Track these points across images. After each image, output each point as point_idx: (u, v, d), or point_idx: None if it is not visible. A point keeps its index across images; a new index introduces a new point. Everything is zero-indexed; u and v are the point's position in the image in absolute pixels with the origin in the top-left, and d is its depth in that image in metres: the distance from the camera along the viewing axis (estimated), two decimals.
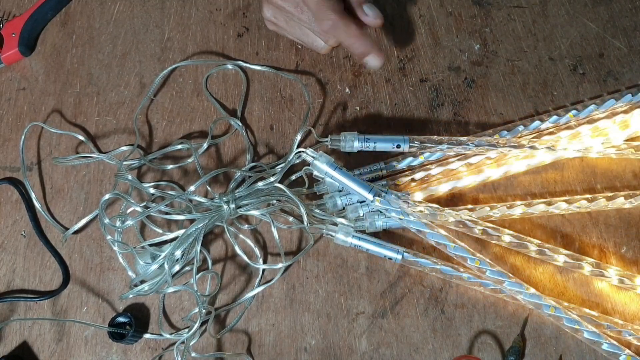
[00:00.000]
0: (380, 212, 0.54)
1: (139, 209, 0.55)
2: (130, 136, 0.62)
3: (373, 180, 0.56)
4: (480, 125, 0.58)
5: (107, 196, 0.54)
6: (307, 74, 0.62)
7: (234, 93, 0.62)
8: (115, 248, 0.55)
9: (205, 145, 0.59)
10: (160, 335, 0.54)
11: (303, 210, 0.52)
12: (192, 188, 0.53)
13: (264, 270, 0.55)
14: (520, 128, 0.57)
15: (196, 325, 0.52)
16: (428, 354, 0.52)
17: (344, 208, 0.56)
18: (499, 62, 0.61)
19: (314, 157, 0.53)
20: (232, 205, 0.53)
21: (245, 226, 0.56)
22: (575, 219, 0.54)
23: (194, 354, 0.53)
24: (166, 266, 0.52)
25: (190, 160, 0.59)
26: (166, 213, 0.53)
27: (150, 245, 0.55)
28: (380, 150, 0.56)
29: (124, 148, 0.61)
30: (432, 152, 0.56)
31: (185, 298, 0.56)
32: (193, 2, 0.67)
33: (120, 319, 0.54)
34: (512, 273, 0.52)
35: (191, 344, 0.52)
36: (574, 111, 0.57)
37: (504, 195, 0.56)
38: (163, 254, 0.53)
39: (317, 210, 0.55)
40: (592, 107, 0.57)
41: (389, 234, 0.55)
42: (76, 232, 0.58)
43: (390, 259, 0.53)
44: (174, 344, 0.53)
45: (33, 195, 0.60)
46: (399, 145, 0.55)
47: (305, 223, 0.53)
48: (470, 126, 0.59)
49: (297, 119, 0.61)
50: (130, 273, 0.55)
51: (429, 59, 0.62)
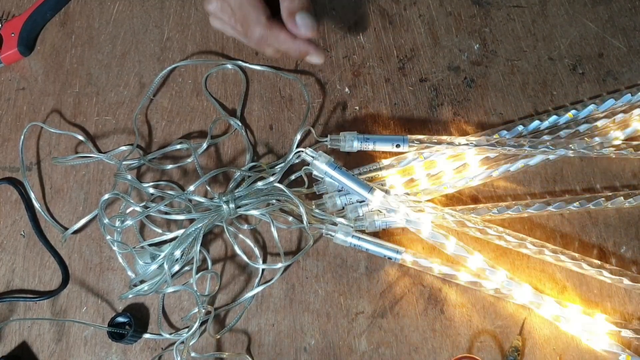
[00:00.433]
0: (380, 212, 0.54)
1: (138, 208, 0.55)
2: (129, 136, 0.62)
3: (372, 180, 0.56)
4: (479, 124, 0.58)
5: (107, 196, 0.54)
6: (307, 73, 0.62)
7: (234, 93, 0.62)
8: (115, 248, 0.55)
9: (204, 145, 0.59)
10: (160, 335, 0.54)
11: (302, 210, 0.52)
12: (192, 188, 0.53)
13: (263, 270, 0.55)
14: (520, 128, 0.57)
15: (196, 325, 0.52)
16: (427, 354, 0.52)
17: (343, 208, 0.56)
18: (498, 62, 0.61)
19: (313, 157, 0.53)
20: (232, 205, 0.53)
21: (245, 226, 0.56)
22: (574, 218, 0.54)
23: (193, 354, 0.53)
24: (166, 266, 0.52)
25: (189, 160, 0.59)
26: (166, 213, 0.53)
27: (150, 245, 0.55)
28: (379, 150, 0.56)
29: (124, 148, 0.61)
30: (432, 152, 0.56)
31: (185, 298, 0.56)
32: (192, 2, 0.67)
33: (120, 319, 0.54)
34: (512, 273, 0.52)
35: (191, 343, 0.52)
36: (573, 111, 0.57)
37: (503, 195, 0.56)
38: (162, 254, 0.53)
39: (317, 210, 0.55)
40: (592, 107, 0.57)
41: (388, 234, 0.55)
42: (75, 232, 0.58)
43: (389, 258, 0.53)
44: (173, 344, 0.53)
45: (32, 195, 0.60)
46: (398, 145, 0.55)
47: (304, 223, 0.53)
48: (469, 126, 0.59)
49: (297, 118, 0.61)
50: (129, 273, 0.55)
51: (428, 58, 0.62)
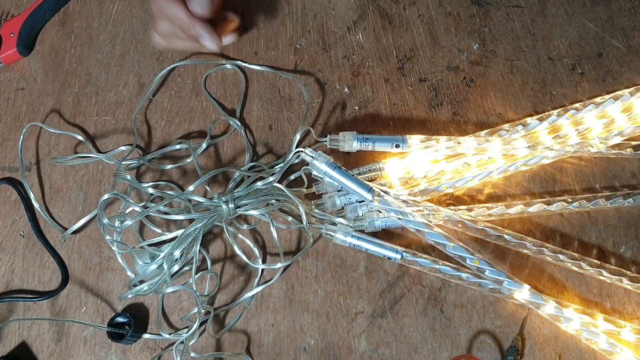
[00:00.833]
0: (379, 212, 0.54)
1: (137, 209, 0.55)
2: (129, 136, 0.62)
3: (372, 180, 0.56)
4: (479, 124, 0.58)
5: (106, 196, 0.54)
6: (306, 73, 0.62)
7: (233, 93, 0.62)
8: (114, 248, 0.55)
9: (204, 145, 0.59)
10: (160, 335, 0.54)
11: (302, 210, 0.52)
12: (191, 188, 0.53)
13: (263, 270, 0.55)
14: (519, 128, 0.57)
15: (195, 325, 0.52)
16: (427, 354, 0.52)
17: (343, 208, 0.56)
18: (497, 62, 0.61)
19: (313, 157, 0.53)
20: (231, 205, 0.53)
21: (245, 226, 0.56)
22: (574, 218, 0.54)
23: (193, 354, 0.53)
24: (165, 266, 0.52)
25: (189, 160, 0.59)
26: (165, 213, 0.53)
27: (149, 245, 0.55)
28: (379, 150, 0.56)
29: (123, 148, 0.61)
30: (431, 152, 0.56)
31: (185, 298, 0.56)
32: None
33: (120, 319, 0.54)
34: (511, 273, 0.52)
35: (190, 344, 0.52)
36: (572, 111, 0.57)
37: (503, 195, 0.56)
38: (162, 254, 0.53)
39: (316, 210, 0.55)
40: (591, 107, 0.57)
41: (388, 234, 0.55)
42: (75, 232, 0.58)
43: (389, 258, 0.53)
44: (173, 344, 0.53)
45: (32, 196, 0.60)
46: (397, 145, 0.55)
47: (304, 223, 0.53)
48: (469, 126, 0.59)
49: (296, 118, 0.61)
50: (129, 273, 0.55)
51: (427, 58, 0.62)
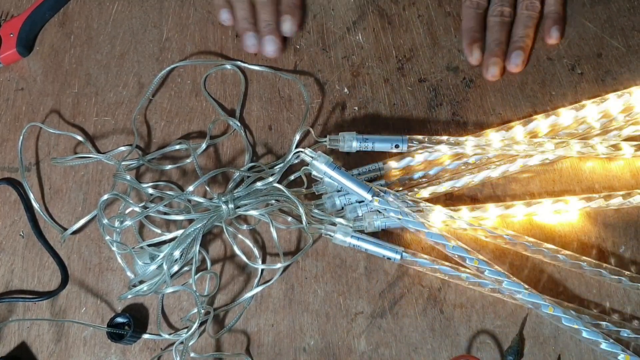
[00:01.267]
0: (379, 212, 0.54)
1: (137, 209, 0.55)
2: (128, 136, 0.62)
3: (372, 180, 0.56)
4: (478, 125, 0.58)
5: (106, 196, 0.54)
6: (306, 74, 0.62)
7: (233, 93, 0.62)
8: (114, 248, 0.55)
9: (203, 146, 0.59)
10: (159, 335, 0.54)
11: (302, 210, 0.52)
12: (191, 188, 0.53)
13: (262, 270, 0.55)
14: (519, 128, 0.56)
15: (195, 325, 0.51)
16: (427, 354, 0.52)
17: (342, 208, 0.55)
18: None
19: (312, 157, 0.53)
20: (231, 206, 0.53)
21: (244, 226, 0.56)
22: (573, 218, 0.54)
23: (192, 354, 0.53)
24: (165, 266, 0.52)
25: (188, 160, 0.59)
26: (165, 213, 0.53)
27: (149, 245, 0.55)
28: (378, 150, 0.56)
29: (123, 148, 0.61)
30: (431, 152, 0.56)
31: (184, 298, 0.56)
32: (191, 2, 0.67)
33: (119, 320, 0.54)
34: (511, 273, 0.52)
35: (190, 344, 0.52)
36: (572, 111, 0.57)
37: (502, 195, 0.56)
38: (162, 254, 0.53)
39: (316, 210, 0.55)
40: (591, 107, 0.57)
41: (387, 234, 0.55)
42: (75, 233, 0.58)
43: (389, 258, 0.53)
44: (172, 344, 0.53)
45: (31, 196, 0.60)
46: (397, 145, 0.55)
47: (304, 223, 0.53)
48: (468, 126, 0.59)
49: (296, 119, 0.61)
50: (129, 273, 0.55)
51: (427, 59, 0.62)
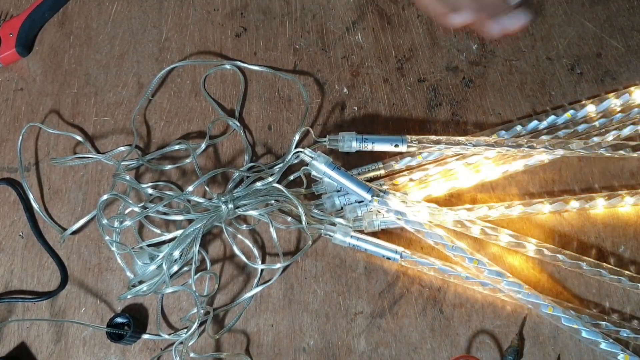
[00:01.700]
0: (379, 212, 0.54)
1: (137, 209, 0.55)
2: (128, 136, 0.62)
3: (371, 180, 0.56)
4: (478, 125, 0.58)
5: (105, 197, 0.54)
6: (305, 74, 0.62)
7: (232, 93, 0.62)
8: (114, 248, 0.55)
9: (203, 146, 0.59)
10: (159, 335, 0.54)
11: (301, 211, 0.52)
12: (191, 188, 0.53)
13: (262, 270, 0.55)
14: (518, 128, 0.57)
15: (195, 325, 0.51)
16: (426, 354, 0.52)
17: (342, 208, 0.55)
18: (496, 62, 0.61)
19: (312, 157, 0.53)
20: (231, 206, 0.53)
21: (244, 226, 0.56)
22: (573, 218, 0.54)
23: (192, 355, 0.53)
24: (164, 267, 0.52)
25: (188, 160, 0.59)
26: (164, 213, 0.53)
27: (149, 245, 0.55)
28: (378, 150, 0.56)
29: (122, 148, 0.61)
30: (430, 152, 0.56)
31: (184, 298, 0.56)
32: (191, 2, 0.67)
33: (119, 320, 0.54)
34: (510, 273, 0.52)
35: (190, 344, 0.52)
36: (571, 111, 0.57)
37: (502, 194, 0.56)
38: (161, 255, 0.53)
39: (316, 210, 0.55)
40: (590, 107, 0.57)
41: (387, 234, 0.55)
42: (74, 233, 0.58)
43: (388, 258, 0.53)
44: (172, 344, 0.53)
45: (31, 196, 0.60)
46: (397, 145, 0.55)
47: (303, 223, 0.53)
48: (468, 126, 0.59)
49: (295, 119, 0.61)
50: (128, 273, 0.55)
51: (427, 59, 0.62)
